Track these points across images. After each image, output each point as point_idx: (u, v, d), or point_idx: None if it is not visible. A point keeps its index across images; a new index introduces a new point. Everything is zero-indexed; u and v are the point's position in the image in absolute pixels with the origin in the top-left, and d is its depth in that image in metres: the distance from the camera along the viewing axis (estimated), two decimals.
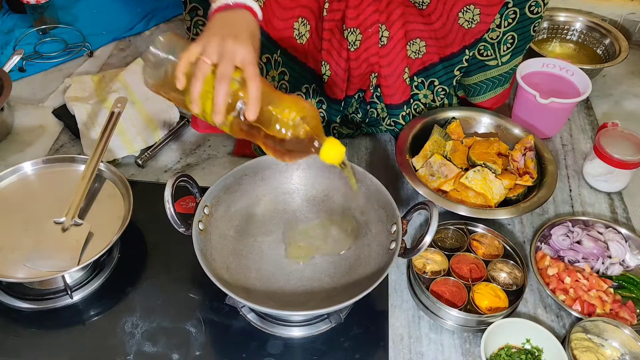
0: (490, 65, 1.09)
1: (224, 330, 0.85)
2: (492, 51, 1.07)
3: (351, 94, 1.09)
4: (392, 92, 1.07)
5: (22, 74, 1.31)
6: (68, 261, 0.84)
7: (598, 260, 0.94)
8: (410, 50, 1.05)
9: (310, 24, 0.95)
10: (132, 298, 0.88)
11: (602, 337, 0.84)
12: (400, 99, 1.08)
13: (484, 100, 1.15)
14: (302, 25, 0.94)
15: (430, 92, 1.11)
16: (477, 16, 1.01)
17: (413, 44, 1.04)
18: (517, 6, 1.01)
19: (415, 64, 1.07)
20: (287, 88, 1.01)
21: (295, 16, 0.93)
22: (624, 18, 1.47)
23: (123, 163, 1.12)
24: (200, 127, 1.11)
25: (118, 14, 1.50)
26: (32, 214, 0.91)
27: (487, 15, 1.01)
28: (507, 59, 1.09)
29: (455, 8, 1.01)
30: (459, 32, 1.04)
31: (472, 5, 1.01)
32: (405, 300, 0.91)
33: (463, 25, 1.02)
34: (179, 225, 0.81)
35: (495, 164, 1.00)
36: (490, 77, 1.11)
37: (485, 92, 1.14)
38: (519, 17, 1.02)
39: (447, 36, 1.04)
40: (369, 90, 1.09)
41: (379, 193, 0.87)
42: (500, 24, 1.03)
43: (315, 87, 1.03)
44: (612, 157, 1.03)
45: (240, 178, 0.90)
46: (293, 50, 0.96)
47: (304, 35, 0.95)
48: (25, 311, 0.86)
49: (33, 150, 1.14)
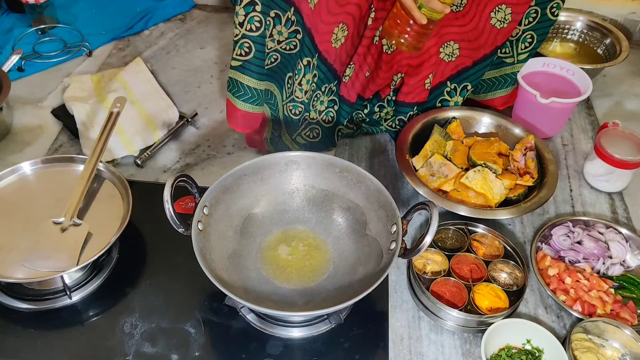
0: (507, 62, 1.11)
1: (224, 331, 0.84)
2: (510, 49, 1.09)
3: (368, 96, 1.10)
4: (409, 91, 1.09)
5: (21, 73, 1.31)
6: (67, 261, 0.84)
7: (599, 261, 0.94)
8: (444, 53, 1.06)
9: (348, 30, 0.97)
10: (131, 298, 0.88)
11: (602, 338, 0.83)
12: (413, 98, 1.09)
13: (494, 97, 1.16)
14: (341, 31, 0.96)
15: (462, 98, 1.12)
16: (508, 15, 1.02)
17: (447, 47, 1.05)
18: (538, 5, 1.03)
19: (448, 68, 1.08)
20: (313, 89, 1.02)
21: (338, 21, 0.95)
22: (624, 18, 1.47)
23: (122, 163, 1.11)
24: (240, 125, 1.04)
25: (117, 13, 1.50)
26: (31, 214, 0.91)
27: (517, 14, 1.03)
28: (523, 58, 1.10)
29: (487, 8, 1.02)
30: (491, 33, 1.05)
31: (504, 5, 1.02)
32: (406, 301, 0.91)
33: (495, 25, 1.04)
34: (178, 225, 0.81)
35: (495, 164, 0.99)
36: (503, 73, 1.12)
37: (497, 89, 1.15)
38: (540, 17, 1.04)
39: (479, 37, 1.05)
40: (388, 88, 1.10)
41: (379, 193, 0.87)
42: (521, 22, 1.05)
43: (332, 87, 1.04)
44: (613, 157, 1.03)
45: (239, 178, 0.89)
46: (326, 53, 0.98)
47: (340, 40, 0.97)
48: (24, 311, 0.86)
49: (32, 150, 1.14)
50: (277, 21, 0.90)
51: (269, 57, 0.95)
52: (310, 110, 1.05)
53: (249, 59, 0.93)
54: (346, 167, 0.91)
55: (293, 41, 0.94)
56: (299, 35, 0.94)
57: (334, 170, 0.92)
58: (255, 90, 0.97)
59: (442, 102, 1.13)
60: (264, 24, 0.89)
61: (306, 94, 1.01)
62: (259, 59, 0.94)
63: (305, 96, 1.01)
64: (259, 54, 0.93)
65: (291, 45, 0.95)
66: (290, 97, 1.01)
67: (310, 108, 1.04)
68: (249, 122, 1.02)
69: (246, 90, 0.97)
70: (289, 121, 1.05)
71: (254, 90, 0.97)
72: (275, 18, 0.90)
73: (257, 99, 0.99)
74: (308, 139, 1.09)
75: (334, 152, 1.15)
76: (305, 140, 1.09)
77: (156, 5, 1.53)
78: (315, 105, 1.05)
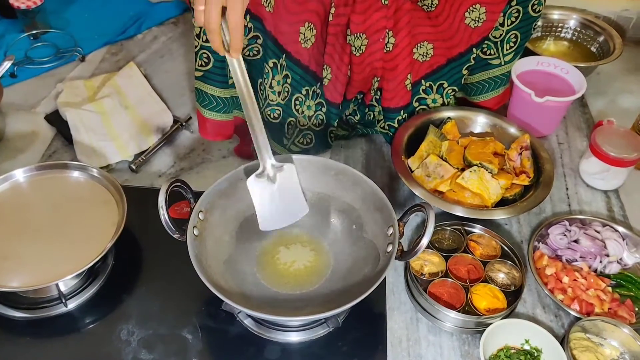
0: (493, 64, 1.10)
1: (221, 337, 0.84)
2: (495, 50, 1.08)
3: (350, 97, 1.09)
4: (391, 96, 1.07)
5: (13, 79, 1.30)
6: (62, 269, 0.83)
7: (596, 259, 0.94)
8: (418, 54, 1.05)
9: (316, 28, 0.96)
10: (128, 305, 0.87)
11: (601, 337, 0.83)
12: (398, 103, 1.08)
13: (486, 99, 1.15)
14: (308, 30, 0.95)
15: (439, 95, 1.11)
16: (483, 15, 1.01)
17: (420, 47, 1.04)
18: (520, 5, 1.02)
19: (422, 67, 1.07)
20: (289, 91, 1.01)
21: (302, 20, 0.94)
22: (617, 15, 1.47)
23: (116, 168, 1.11)
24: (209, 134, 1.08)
25: (110, 18, 1.49)
26: (24, 222, 0.90)
27: (493, 13, 1.02)
28: (510, 58, 1.10)
29: (461, 8, 1.02)
30: (466, 32, 1.04)
31: (478, 5, 1.01)
32: (403, 303, 0.90)
33: (470, 24, 1.03)
34: (173, 231, 0.80)
35: (491, 163, 0.99)
36: (492, 76, 1.12)
37: (487, 91, 1.14)
38: (522, 15, 1.03)
39: (453, 37, 1.05)
40: (369, 94, 1.09)
41: (375, 195, 0.86)
42: (504, 22, 1.04)
43: (316, 89, 1.03)
44: (608, 155, 1.03)
45: (234, 182, 0.89)
46: (297, 53, 0.97)
47: (309, 39, 0.96)
48: (19, 320, 0.85)
49: (25, 157, 1.13)
50: None
51: None
52: (292, 114, 1.04)
53: (209, 68, 0.97)
54: (342, 170, 0.90)
55: (255, 47, 0.94)
56: (259, 40, 0.94)
57: (329, 172, 0.91)
58: (221, 99, 1.01)
59: (420, 101, 1.11)
60: None
61: (280, 95, 1.00)
62: (219, 67, 0.96)
63: (279, 98, 1.00)
64: (219, 62, 0.96)
65: (253, 52, 0.95)
66: (266, 102, 1.01)
67: (292, 112, 1.04)
68: (219, 130, 1.05)
69: (211, 99, 1.00)
70: (270, 126, 1.04)
71: (218, 99, 1.00)
72: None
73: (223, 107, 1.02)
74: (302, 146, 1.09)
75: (329, 155, 1.15)
76: (300, 148, 1.09)
77: (149, 9, 1.52)
78: (302, 110, 1.04)
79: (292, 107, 1.03)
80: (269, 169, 0.84)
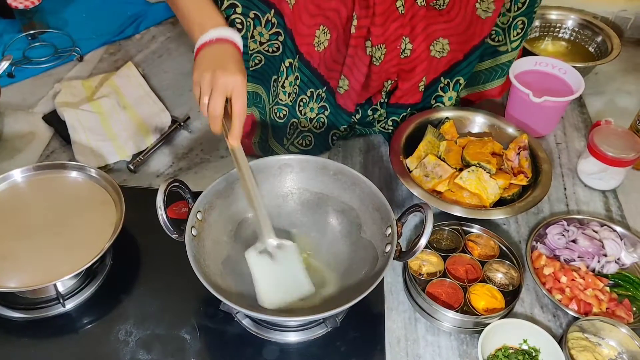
0: (501, 51, 1.11)
1: (219, 337, 0.84)
2: (502, 36, 1.09)
3: (361, 102, 1.10)
4: (402, 94, 1.08)
5: (11, 79, 1.30)
6: (60, 269, 0.83)
7: (594, 259, 0.94)
8: (435, 50, 1.06)
9: (331, 34, 0.97)
10: (126, 305, 0.87)
11: (599, 336, 0.84)
12: (407, 100, 1.09)
13: (492, 87, 1.16)
14: (323, 34, 0.96)
15: (455, 92, 1.12)
16: (491, 4, 1.01)
17: (437, 44, 1.05)
18: None
19: (441, 64, 1.08)
20: (296, 92, 1.02)
21: (318, 24, 0.95)
22: (615, 15, 1.48)
23: (115, 169, 1.11)
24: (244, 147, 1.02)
25: (108, 18, 1.49)
26: (22, 222, 0.90)
27: (500, 1, 1.02)
28: (516, 45, 1.10)
29: (472, 0, 1.02)
30: (478, 24, 1.05)
31: None
32: (402, 303, 0.90)
33: (480, 15, 1.03)
34: (171, 231, 0.80)
35: (489, 163, 0.99)
36: (499, 63, 1.12)
37: (494, 79, 1.15)
38: (529, 1, 1.03)
39: (467, 30, 1.05)
40: (379, 94, 1.10)
41: (373, 195, 0.86)
42: (510, 8, 1.04)
43: (321, 92, 1.03)
44: (606, 155, 1.03)
45: (233, 182, 0.89)
46: (308, 55, 0.97)
47: (323, 43, 0.97)
48: (17, 320, 0.85)
49: (23, 157, 1.13)
50: (257, 22, 0.90)
51: (253, 58, 0.95)
52: (296, 115, 1.04)
53: None
54: (340, 170, 0.90)
55: (275, 43, 0.94)
56: (280, 37, 0.94)
57: (327, 173, 0.91)
58: None
59: (437, 99, 1.13)
60: (245, 25, 0.90)
61: (289, 97, 1.00)
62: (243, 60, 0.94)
63: (288, 99, 1.00)
64: (244, 55, 0.93)
65: (274, 48, 0.95)
66: (275, 100, 1.01)
67: (296, 113, 1.04)
68: None
69: None
70: (275, 125, 1.04)
71: None
72: (254, 19, 0.90)
73: None
74: (301, 147, 1.09)
75: (327, 155, 1.15)
76: (299, 149, 1.09)
77: (147, 9, 1.52)
78: (304, 112, 1.04)
79: (297, 108, 1.03)
80: (269, 247, 0.84)
